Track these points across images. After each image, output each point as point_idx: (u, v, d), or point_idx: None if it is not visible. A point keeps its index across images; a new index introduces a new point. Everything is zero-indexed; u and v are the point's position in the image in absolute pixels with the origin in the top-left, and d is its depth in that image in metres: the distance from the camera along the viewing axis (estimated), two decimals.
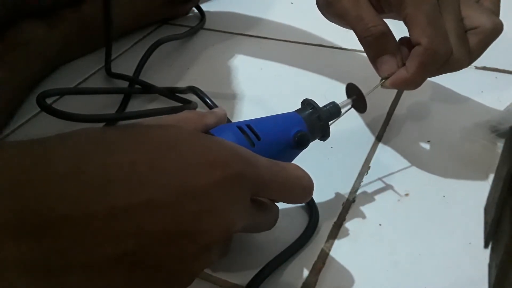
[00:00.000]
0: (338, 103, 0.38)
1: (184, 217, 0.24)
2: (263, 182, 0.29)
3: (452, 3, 0.38)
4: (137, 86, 0.56)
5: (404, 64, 0.38)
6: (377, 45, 0.39)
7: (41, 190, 0.21)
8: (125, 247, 0.22)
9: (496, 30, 0.38)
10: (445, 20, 0.37)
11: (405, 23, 0.37)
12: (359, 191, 0.41)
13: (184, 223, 0.24)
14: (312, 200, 0.39)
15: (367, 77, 0.41)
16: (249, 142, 0.32)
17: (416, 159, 0.43)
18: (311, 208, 0.38)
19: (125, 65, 0.60)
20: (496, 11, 0.40)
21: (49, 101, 0.48)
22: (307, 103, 0.37)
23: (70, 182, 0.21)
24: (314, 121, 0.36)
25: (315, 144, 0.37)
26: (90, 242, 0.21)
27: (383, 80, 0.39)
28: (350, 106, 0.39)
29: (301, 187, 0.32)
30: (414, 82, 0.38)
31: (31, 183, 0.21)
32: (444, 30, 0.37)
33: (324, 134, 0.37)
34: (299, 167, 0.32)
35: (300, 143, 0.34)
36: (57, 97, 0.55)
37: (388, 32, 0.38)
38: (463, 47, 0.37)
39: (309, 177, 0.32)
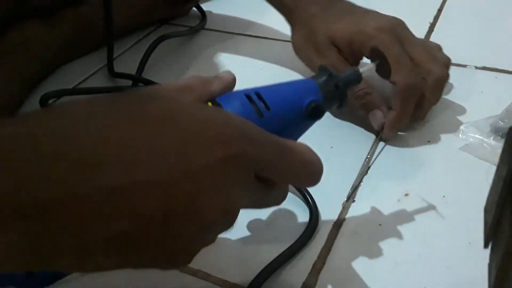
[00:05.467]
0: (359, 68, 0.35)
1: (179, 197, 0.22)
2: (266, 162, 0.26)
3: (412, 41, 0.44)
4: (140, 84, 0.56)
5: (391, 108, 0.44)
6: (364, 105, 0.45)
7: (27, 172, 0.19)
8: (117, 228, 0.21)
9: (443, 77, 0.45)
10: (414, 53, 0.43)
11: None
12: (359, 191, 0.41)
13: (180, 204, 0.22)
14: (312, 200, 0.39)
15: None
16: (257, 112, 0.30)
17: (416, 159, 0.43)
18: (311, 208, 0.38)
19: (125, 65, 0.60)
20: (446, 64, 0.46)
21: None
22: (324, 69, 0.33)
23: (57, 162, 0.20)
24: (330, 89, 0.33)
25: (315, 144, 0.37)
26: (79, 224, 0.20)
27: (380, 136, 0.45)
28: (374, 70, 0.38)
29: (308, 173, 0.29)
30: (403, 116, 0.43)
31: (15, 166, 0.19)
32: (411, 65, 0.42)
33: (341, 103, 0.34)
34: (309, 149, 0.29)
35: (314, 115, 0.31)
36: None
37: (371, 92, 0.44)
38: (435, 62, 0.44)
39: (319, 161, 0.29)
